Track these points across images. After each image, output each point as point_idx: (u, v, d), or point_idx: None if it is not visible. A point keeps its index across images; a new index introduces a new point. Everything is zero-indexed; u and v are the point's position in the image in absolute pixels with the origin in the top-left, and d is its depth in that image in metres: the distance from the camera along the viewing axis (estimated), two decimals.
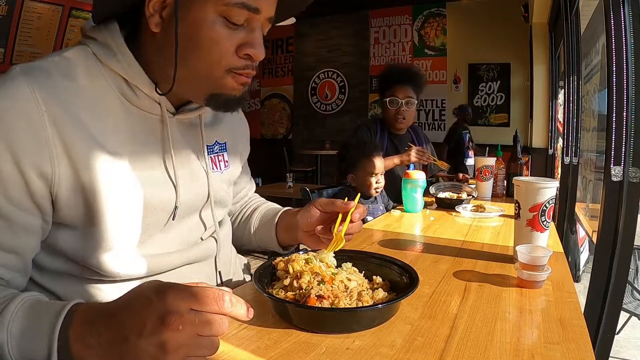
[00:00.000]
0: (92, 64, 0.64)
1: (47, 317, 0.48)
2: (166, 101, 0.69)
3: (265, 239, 0.96)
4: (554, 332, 0.60)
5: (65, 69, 0.62)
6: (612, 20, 1.15)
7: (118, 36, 0.65)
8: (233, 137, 0.87)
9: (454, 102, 5.53)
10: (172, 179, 0.70)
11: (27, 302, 0.51)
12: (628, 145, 1.11)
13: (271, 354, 0.52)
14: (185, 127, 0.75)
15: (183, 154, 0.73)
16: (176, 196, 0.70)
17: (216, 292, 0.44)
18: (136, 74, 0.65)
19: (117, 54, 0.64)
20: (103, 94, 0.64)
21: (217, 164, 0.80)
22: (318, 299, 0.61)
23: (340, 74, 6.45)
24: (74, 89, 0.61)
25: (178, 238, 0.74)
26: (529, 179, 0.92)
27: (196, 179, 0.75)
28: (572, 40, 2.37)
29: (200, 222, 0.79)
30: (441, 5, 5.59)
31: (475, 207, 1.52)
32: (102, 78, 0.64)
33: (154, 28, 0.63)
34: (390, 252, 1.01)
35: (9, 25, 3.06)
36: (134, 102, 0.67)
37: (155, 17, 0.63)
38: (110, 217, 0.63)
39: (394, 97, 2.15)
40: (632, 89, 1.12)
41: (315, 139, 6.54)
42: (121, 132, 0.65)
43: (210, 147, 0.79)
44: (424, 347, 0.55)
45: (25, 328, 0.49)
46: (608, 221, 1.11)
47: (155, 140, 0.69)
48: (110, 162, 0.62)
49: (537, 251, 0.81)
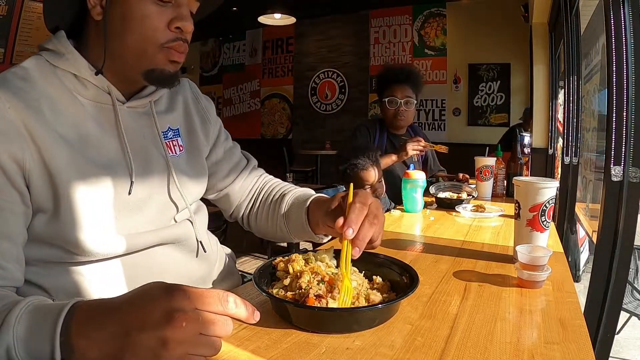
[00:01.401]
0: (45, 69, 0.71)
1: (49, 316, 0.50)
2: (115, 91, 0.75)
3: (297, 226, 0.91)
4: (554, 332, 0.60)
5: (23, 74, 0.69)
6: (612, 20, 1.15)
7: (65, 41, 0.73)
8: (187, 120, 0.91)
9: (454, 102, 5.53)
10: (127, 160, 0.75)
11: (31, 305, 0.53)
12: (628, 145, 1.11)
13: (271, 354, 0.52)
14: (138, 115, 0.80)
15: (137, 139, 0.78)
16: (131, 174, 0.75)
17: (221, 294, 0.45)
18: (83, 66, 0.72)
19: (65, 55, 0.72)
20: (58, 92, 0.71)
21: (172, 148, 0.85)
22: (317, 298, 0.61)
23: (340, 74, 6.45)
24: (33, 89, 0.68)
25: (148, 217, 0.78)
26: (529, 179, 0.92)
27: (153, 160, 0.80)
28: (572, 40, 2.37)
29: (171, 202, 0.82)
30: (441, 5, 5.59)
31: (475, 207, 1.52)
32: (55, 78, 0.71)
33: (96, 17, 0.71)
34: (390, 252, 1.01)
35: (9, 25, 3.06)
36: (85, 94, 0.73)
37: (96, 8, 0.71)
38: (75, 200, 0.67)
39: (392, 97, 2.15)
40: (632, 89, 1.12)
41: (315, 139, 6.55)
42: (77, 123, 0.71)
43: (164, 132, 0.84)
44: (424, 347, 0.55)
45: (30, 329, 0.50)
46: (608, 221, 1.11)
47: (109, 128, 0.75)
48: (68, 150, 0.68)
49: (537, 251, 0.81)
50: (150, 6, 0.70)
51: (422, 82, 2.30)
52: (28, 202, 0.66)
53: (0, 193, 0.62)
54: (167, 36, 0.72)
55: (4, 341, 0.50)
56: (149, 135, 0.81)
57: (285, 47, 6.92)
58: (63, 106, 0.70)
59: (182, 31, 0.73)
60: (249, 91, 7.26)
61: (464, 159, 2.44)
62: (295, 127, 6.91)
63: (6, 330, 0.50)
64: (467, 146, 5.09)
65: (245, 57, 7.28)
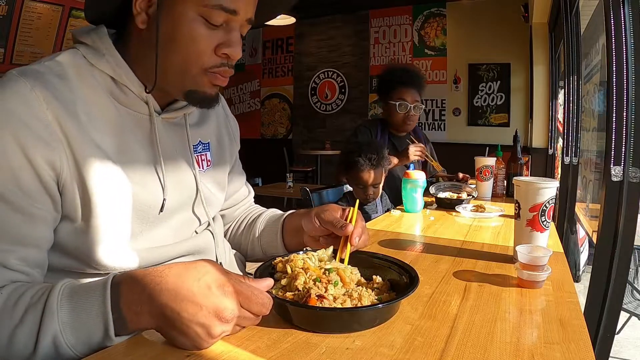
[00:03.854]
0: (82, 66, 0.67)
1: (93, 295, 0.52)
2: (153, 100, 0.73)
3: (270, 242, 0.96)
4: (554, 332, 0.60)
5: (59, 70, 0.64)
6: (612, 20, 1.15)
7: (106, 39, 0.69)
8: (217, 136, 0.90)
9: (454, 102, 5.53)
10: (159, 175, 0.73)
11: (66, 288, 0.54)
12: (628, 145, 1.11)
13: (271, 354, 0.52)
14: (171, 126, 0.78)
15: (170, 152, 0.76)
16: (163, 190, 0.73)
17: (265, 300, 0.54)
18: (124, 72, 0.68)
19: (105, 55, 0.68)
20: (94, 94, 0.67)
21: (199, 162, 0.83)
22: (319, 298, 0.61)
23: (340, 74, 6.44)
24: (69, 88, 0.64)
25: (171, 232, 0.77)
26: (529, 179, 0.92)
27: (183, 176, 0.78)
28: (572, 40, 2.37)
29: (194, 217, 0.82)
30: (441, 5, 5.59)
31: (475, 207, 1.52)
32: (92, 79, 0.67)
33: (140, 25, 0.67)
34: (390, 252, 1.01)
35: (9, 25, 3.06)
36: (122, 101, 0.70)
37: (141, 15, 0.67)
38: (102, 212, 0.65)
39: (403, 100, 2.13)
40: (632, 89, 1.12)
41: (315, 139, 6.54)
42: (112, 130, 0.67)
43: (195, 146, 0.82)
44: (424, 347, 0.54)
45: (75, 312, 0.52)
46: (608, 221, 1.11)
47: (143, 139, 0.72)
48: (102, 158, 0.65)
49: (537, 251, 0.81)
50: (200, 28, 0.66)
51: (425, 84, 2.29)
52: (59, 208, 0.63)
53: (34, 199, 0.59)
54: (213, 61, 0.68)
55: (49, 331, 0.51)
56: (180, 148, 0.78)
57: (285, 47, 6.91)
58: (99, 111, 0.66)
59: (229, 58, 0.69)
60: (249, 91, 7.26)
61: (464, 159, 2.44)
62: (295, 127, 6.91)
63: (50, 319, 0.51)
64: (467, 146, 5.10)
65: (245, 57, 7.26)
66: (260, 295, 0.54)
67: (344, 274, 0.68)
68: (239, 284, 0.53)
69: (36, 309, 0.52)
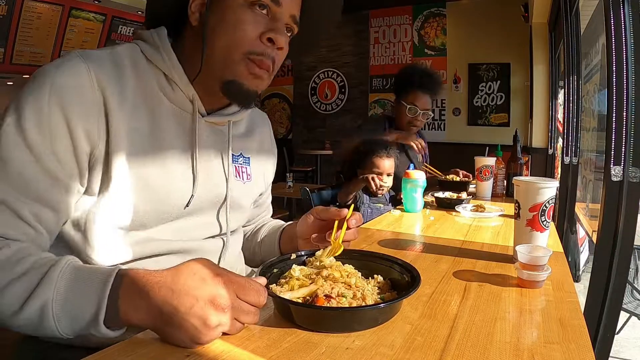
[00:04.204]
0: (138, 59, 0.71)
1: (96, 277, 0.53)
2: (199, 101, 0.75)
3: (269, 249, 0.99)
4: (554, 332, 0.60)
5: (116, 59, 0.69)
6: (612, 20, 1.15)
7: (164, 38, 0.73)
8: (259, 156, 0.92)
9: (454, 102, 5.53)
10: (193, 171, 0.75)
11: (72, 264, 0.56)
12: (628, 145, 1.11)
13: (271, 353, 0.52)
14: (215, 131, 0.80)
15: (207, 153, 0.78)
16: (193, 186, 0.74)
17: (259, 288, 0.55)
18: (174, 69, 0.72)
19: (161, 52, 0.72)
20: (144, 85, 0.70)
21: (240, 173, 0.85)
22: (326, 298, 0.61)
23: (340, 74, 6.44)
24: (121, 76, 0.67)
25: (185, 229, 0.77)
26: (529, 179, 0.92)
27: (215, 179, 0.79)
28: (572, 40, 2.37)
29: (215, 222, 0.82)
30: (441, 5, 5.59)
31: (475, 207, 1.52)
32: (145, 71, 0.71)
33: (193, 22, 0.72)
34: (390, 252, 1.01)
35: (9, 25, 3.06)
36: (169, 96, 0.73)
37: (196, 14, 0.72)
38: (127, 193, 0.67)
39: (414, 105, 2.14)
40: (632, 89, 1.12)
41: (315, 139, 6.54)
42: (153, 121, 0.70)
43: (235, 156, 0.84)
44: (424, 347, 0.55)
45: (73, 287, 0.53)
46: (608, 221, 1.11)
47: (183, 135, 0.74)
48: (139, 148, 0.68)
49: (537, 251, 0.81)
50: (246, 14, 0.70)
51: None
52: (84, 182, 0.66)
53: (63, 166, 0.62)
54: (255, 46, 0.70)
55: (43, 295, 0.52)
56: (219, 154, 0.80)
57: None
58: (145, 101, 0.70)
59: (273, 44, 0.71)
60: None
61: (464, 159, 2.44)
62: (295, 126, 6.91)
63: (48, 286, 0.53)
64: (467, 146, 5.10)
65: None
66: (255, 283, 0.55)
67: (339, 269, 0.68)
68: (233, 275, 0.55)
69: (37, 272, 0.54)
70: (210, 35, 0.70)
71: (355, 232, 0.84)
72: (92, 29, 3.53)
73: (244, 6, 0.70)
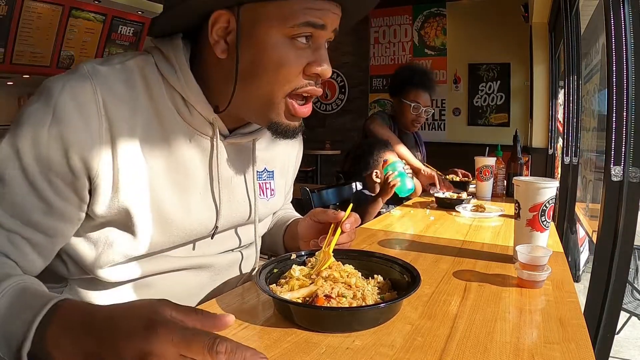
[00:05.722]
0: (151, 74, 0.64)
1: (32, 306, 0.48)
2: (221, 123, 0.69)
3: (275, 242, 0.97)
4: (554, 332, 0.60)
5: (126, 77, 0.62)
6: (612, 20, 1.15)
7: (180, 54, 0.65)
8: (283, 163, 0.87)
9: (454, 102, 5.53)
10: (215, 203, 0.70)
11: (20, 285, 0.52)
12: (628, 145, 1.11)
13: (271, 353, 0.52)
14: (237, 149, 0.74)
15: (229, 177, 0.73)
16: (216, 219, 0.70)
17: (213, 342, 0.39)
18: (193, 94, 0.65)
19: (177, 72, 0.64)
20: (157, 106, 0.64)
21: (264, 190, 0.81)
22: (326, 298, 0.61)
23: (340, 74, 6.44)
24: (133, 98, 0.62)
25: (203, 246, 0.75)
26: (529, 179, 0.92)
27: (239, 204, 0.75)
28: (572, 40, 2.37)
29: (235, 237, 0.80)
30: (441, 5, 5.58)
31: (475, 207, 1.52)
32: (159, 90, 0.64)
33: (220, 54, 0.63)
34: (390, 252, 1.01)
35: (9, 25, 3.05)
36: (187, 119, 0.66)
37: (220, 43, 0.63)
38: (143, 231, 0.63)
39: (418, 103, 2.21)
40: (632, 89, 1.12)
41: (315, 139, 6.54)
42: (169, 146, 0.65)
43: (259, 173, 0.79)
44: (424, 347, 0.55)
45: (10, 309, 0.49)
46: (608, 221, 1.11)
47: (202, 162, 0.69)
48: (153, 178, 0.63)
49: (537, 251, 0.81)
50: (288, 51, 0.61)
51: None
52: (84, 208, 0.62)
53: (59, 195, 0.59)
54: (298, 83, 0.63)
55: None
56: (242, 174, 0.75)
57: None
58: (160, 123, 0.64)
59: (319, 77, 0.65)
60: None
61: (464, 159, 2.44)
62: None
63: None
64: (467, 146, 5.09)
65: None
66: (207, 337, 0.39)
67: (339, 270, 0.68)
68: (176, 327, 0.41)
69: None
70: (245, 76, 0.62)
71: (351, 235, 0.82)
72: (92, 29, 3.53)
73: (285, 40, 0.61)
